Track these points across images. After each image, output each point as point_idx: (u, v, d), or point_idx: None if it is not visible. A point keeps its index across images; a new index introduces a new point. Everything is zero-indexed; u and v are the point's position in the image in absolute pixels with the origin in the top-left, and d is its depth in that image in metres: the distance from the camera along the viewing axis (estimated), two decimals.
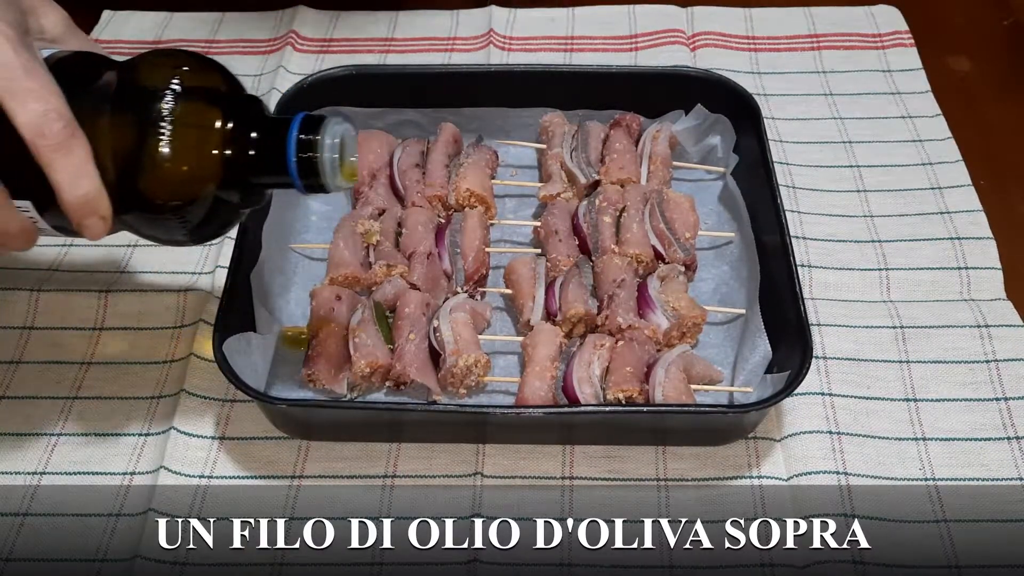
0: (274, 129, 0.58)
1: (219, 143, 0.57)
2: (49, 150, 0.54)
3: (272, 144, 0.58)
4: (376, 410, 0.75)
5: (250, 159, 0.58)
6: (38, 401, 0.79)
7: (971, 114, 1.01)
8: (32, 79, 0.54)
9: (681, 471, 0.74)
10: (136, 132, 0.56)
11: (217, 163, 0.57)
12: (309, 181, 0.58)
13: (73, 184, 0.55)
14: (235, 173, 0.58)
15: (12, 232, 0.58)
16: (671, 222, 0.86)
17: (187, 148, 0.57)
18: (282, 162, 0.57)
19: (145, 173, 0.56)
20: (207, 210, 0.59)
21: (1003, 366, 0.80)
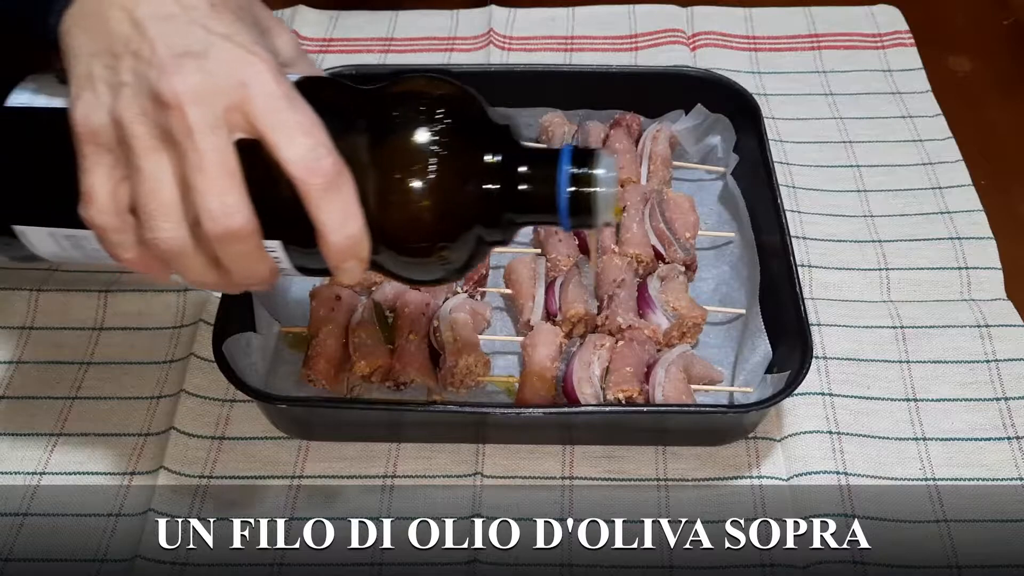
0: (544, 162, 0.53)
1: (487, 179, 0.52)
2: (318, 189, 0.48)
3: (543, 178, 0.53)
4: (376, 410, 0.75)
5: (519, 195, 0.53)
6: (38, 401, 0.79)
7: (971, 114, 1.01)
8: (297, 111, 0.49)
9: (681, 471, 0.74)
10: (397, 168, 0.51)
11: (483, 200, 0.52)
12: (579, 219, 0.53)
13: (341, 226, 0.49)
14: (500, 210, 0.53)
15: (260, 276, 0.53)
16: (671, 222, 0.86)
17: (452, 186, 0.51)
18: (552, 198, 0.53)
19: (407, 212, 0.51)
20: (467, 250, 0.54)
21: (1003, 366, 0.80)
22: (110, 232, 0.51)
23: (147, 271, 0.53)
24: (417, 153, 0.51)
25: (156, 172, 0.48)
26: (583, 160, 0.53)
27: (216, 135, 0.48)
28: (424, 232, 0.52)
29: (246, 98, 0.48)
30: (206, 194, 0.48)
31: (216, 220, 0.48)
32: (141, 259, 0.52)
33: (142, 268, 0.53)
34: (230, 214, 0.48)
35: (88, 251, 0.56)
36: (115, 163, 0.49)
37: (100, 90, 0.49)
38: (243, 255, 0.51)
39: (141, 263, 0.52)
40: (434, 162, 0.51)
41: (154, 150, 0.48)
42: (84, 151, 0.50)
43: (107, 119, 0.49)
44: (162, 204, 0.49)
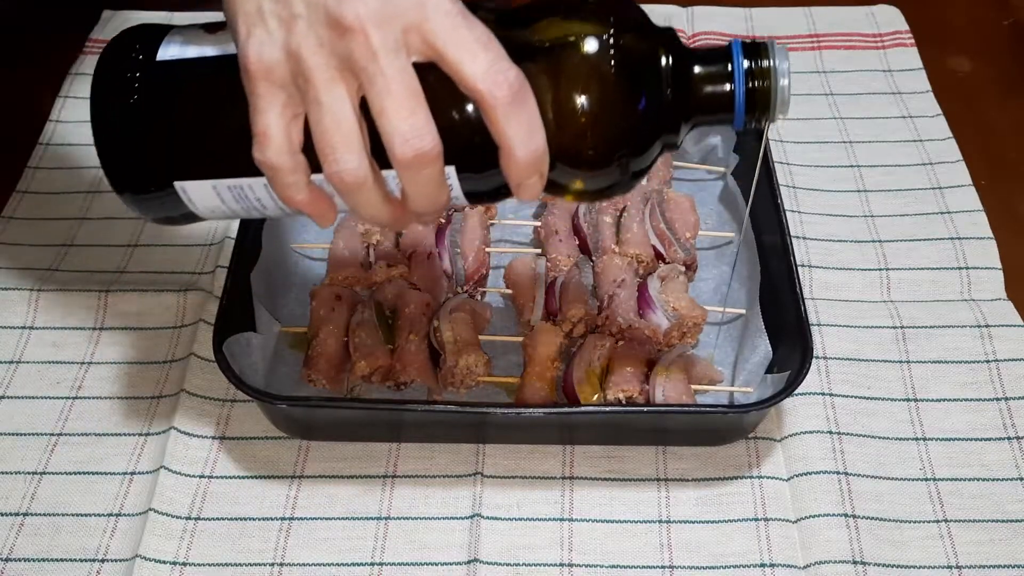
0: (716, 59, 0.52)
1: (664, 83, 0.51)
2: (504, 103, 0.47)
3: (721, 77, 0.52)
4: (376, 410, 0.75)
5: (696, 97, 0.52)
6: (38, 401, 0.79)
7: (972, 114, 1.01)
8: (474, 27, 0.48)
9: (681, 471, 0.74)
10: (574, 80, 0.50)
11: (661, 106, 0.52)
12: (754, 114, 0.52)
13: (527, 140, 0.49)
14: (678, 113, 0.52)
15: (438, 205, 0.52)
16: (671, 222, 0.86)
17: (632, 94, 0.51)
18: (730, 97, 0.52)
19: (586, 122, 0.50)
20: (646, 155, 0.53)
21: (1003, 366, 0.80)
22: (285, 173, 0.50)
23: (316, 212, 0.52)
24: (593, 64, 0.50)
25: (337, 103, 0.48)
26: (755, 53, 0.52)
27: (399, 57, 0.47)
28: (604, 143, 0.51)
29: (424, 18, 0.47)
30: (395, 117, 0.47)
31: (407, 142, 0.48)
32: (311, 200, 0.51)
33: (312, 210, 0.52)
34: (421, 135, 0.48)
35: (251, 201, 0.55)
36: (288, 100, 0.49)
37: (272, 25, 0.48)
38: (428, 180, 0.50)
39: (311, 204, 0.52)
40: (609, 70, 0.50)
41: (333, 81, 0.48)
42: (257, 90, 0.49)
43: (281, 54, 0.48)
44: (345, 136, 0.48)
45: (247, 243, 0.80)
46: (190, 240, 0.90)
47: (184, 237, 0.90)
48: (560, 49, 0.50)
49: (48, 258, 0.89)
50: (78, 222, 0.92)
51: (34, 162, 0.97)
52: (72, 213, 0.93)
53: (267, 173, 0.50)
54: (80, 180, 0.96)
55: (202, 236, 0.90)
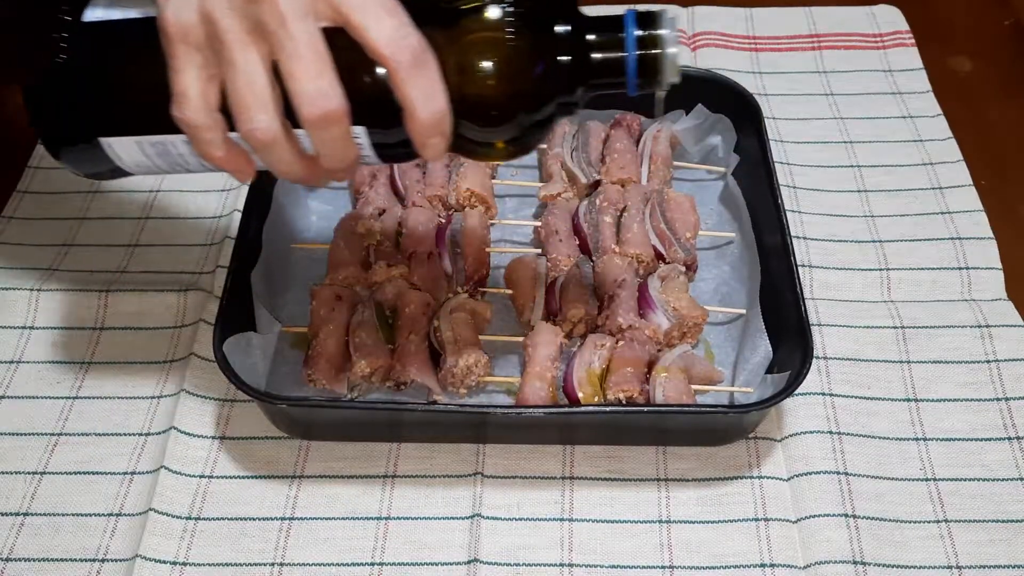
0: (610, 28, 0.55)
1: (559, 49, 0.55)
2: (406, 67, 0.51)
3: (612, 44, 0.55)
4: (376, 410, 0.75)
5: (589, 62, 0.55)
6: (38, 401, 0.79)
7: (972, 114, 1.01)
8: None
9: (681, 471, 0.74)
10: (474, 45, 0.54)
11: (556, 70, 0.55)
12: (645, 79, 0.56)
13: (428, 102, 0.52)
14: (572, 77, 0.56)
15: (348, 162, 0.55)
16: (672, 222, 0.86)
17: (527, 56, 0.54)
18: (621, 62, 0.55)
19: (484, 85, 0.54)
20: (539, 118, 0.56)
21: (1004, 366, 0.80)
22: (203, 130, 0.53)
23: (234, 168, 0.55)
24: (491, 29, 0.53)
25: (249, 64, 0.51)
26: (646, 22, 0.55)
27: (307, 22, 0.50)
28: (503, 106, 0.55)
29: None
30: (302, 79, 0.50)
31: (314, 103, 0.51)
32: (229, 157, 0.54)
33: (230, 166, 0.55)
34: (326, 96, 0.51)
35: (173, 156, 0.58)
36: (205, 62, 0.51)
37: None
38: (335, 139, 0.53)
39: (229, 161, 0.55)
40: (509, 36, 0.53)
41: (245, 43, 0.50)
42: (175, 51, 0.51)
43: (197, 17, 0.50)
44: (257, 96, 0.51)
45: (247, 243, 0.80)
46: (190, 240, 0.90)
47: (185, 237, 0.90)
48: (462, 15, 0.54)
49: (48, 258, 0.89)
50: (78, 222, 0.92)
51: (34, 162, 0.97)
52: (72, 213, 0.93)
53: (186, 130, 0.53)
54: (80, 180, 0.95)
55: (203, 236, 0.90)
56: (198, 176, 0.95)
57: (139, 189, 0.94)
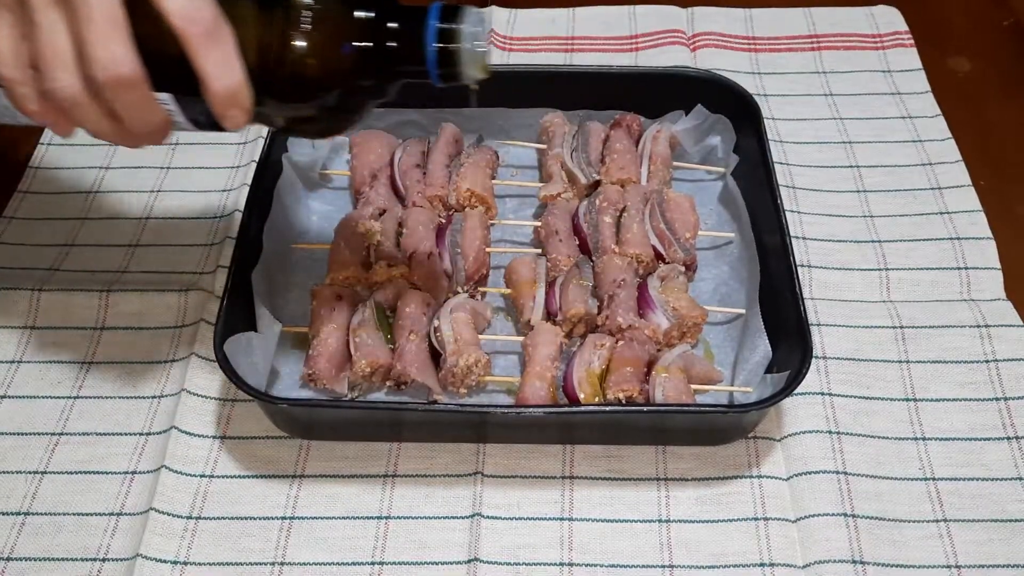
0: (412, 18, 0.57)
1: (359, 33, 0.57)
2: (198, 39, 0.53)
3: (412, 33, 0.57)
4: (377, 410, 0.75)
5: (390, 49, 0.57)
6: (39, 401, 0.79)
7: (971, 114, 1.01)
8: None
9: (681, 471, 0.74)
10: (275, 22, 0.56)
11: (357, 53, 0.57)
12: (446, 71, 0.58)
13: (221, 74, 0.54)
14: (374, 63, 0.58)
15: (153, 126, 0.57)
16: (671, 222, 0.86)
17: (328, 38, 0.56)
18: (421, 52, 0.57)
19: (285, 63, 0.56)
20: (344, 99, 0.58)
21: (1003, 366, 0.80)
22: (15, 84, 0.55)
23: (51, 122, 0.57)
24: (293, 8, 0.55)
25: (51, 26, 0.53)
26: (450, 16, 0.57)
27: None
28: (302, 83, 0.57)
29: None
30: (95, 44, 0.52)
31: (105, 68, 0.53)
32: (44, 110, 0.56)
33: (46, 119, 0.57)
34: (118, 62, 0.53)
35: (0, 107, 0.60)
36: (14, 21, 0.54)
37: None
38: (134, 103, 0.55)
39: (45, 114, 0.57)
40: (308, 17, 0.55)
41: (48, 6, 0.52)
42: None
43: None
44: (57, 55, 0.53)
45: (248, 243, 0.80)
46: (191, 240, 0.90)
47: (185, 237, 0.90)
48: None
49: (49, 258, 0.89)
50: (79, 222, 0.92)
51: (35, 162, 0.97)
52: (73, 213, 0.93)
53: (2, 83, 0.56)
54: (81, 180, 0.96)
55: (203, 236, 0.90)
56: (198, 176, 0.96)
57: (140, 189, 0.95)
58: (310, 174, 0.92)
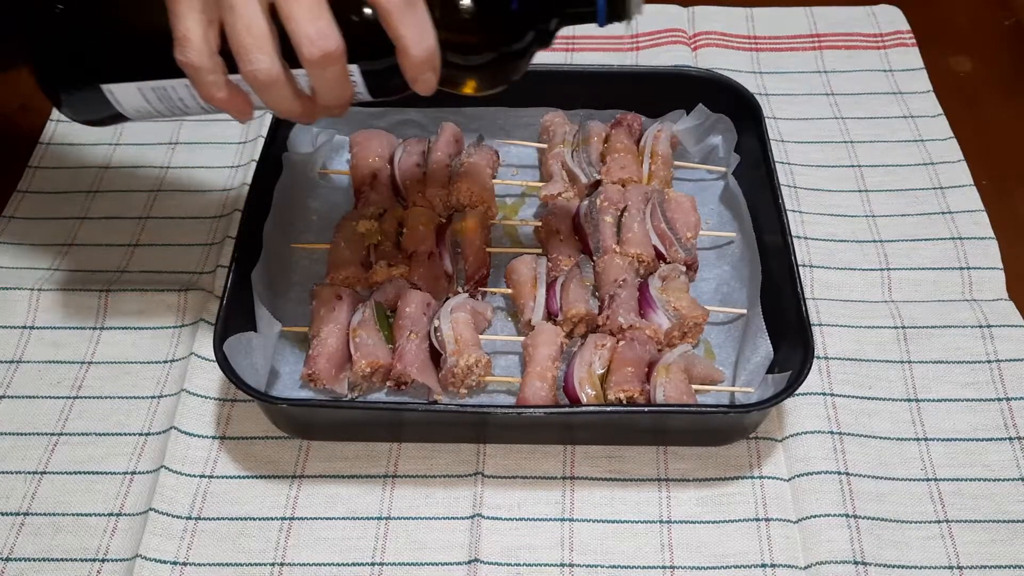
0: None
1: None
2: (398, 8, 0.54)
3: None
4: (377, 410, 0.75)
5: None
6: (38, 401, 0.79)
7: (973, 114, 1.01)
8: None
9: (682, 471, 0.74)
10: None
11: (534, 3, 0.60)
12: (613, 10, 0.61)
13: (419, 39, 0.55)
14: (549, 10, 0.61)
15: (343, 99, 0.59)
16: (672, 222, 0.86)
17: None
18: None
19: (467, 21, 0.58)
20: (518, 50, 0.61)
21: (1005, 366, 0.80)
22: (205, 72, 0.56)
23: (234, 108, 0.59)
24: None
25: (249, 9, 0.53)
26: None
27: None
28: (485, 38, 0.60)
29: None
30: (301, 21, 0.53)
31: (313, 43, 0.54)
32: (230, 98, 0.58)
33: (230, 106, 0.58)
34: (325, 37, 0.54)
35: (173, 100, 0.61)
36: (204, 6, 0.54)
37: None
38: (333, 77, 0.56)
39: (230, 102, 0.58)
40: None
41: None
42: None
43: None
44: (257, 38, 0.54)
45: (248, 243, 0.80)
46: (191, 240, 0.90)
47: (185, 237, 0.90)
48: None
49: (49, 258, 0.89)
50: (79, 221, 0.92)
51: (35, 162, 0.97)
52: (73, 213, 0.93)
53: (189, 73, 0.56)
54: (81, 180, 0.96)
55: (203, 236, 0.90)
56: (198, 175, 0.95)
57: (140, 189, 0.94)
58: (310, 174, 0.92)
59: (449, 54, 0.59)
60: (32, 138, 0.99)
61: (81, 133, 0.99)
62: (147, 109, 0.62)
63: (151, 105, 0.62)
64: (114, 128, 1.00)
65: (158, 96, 0.61)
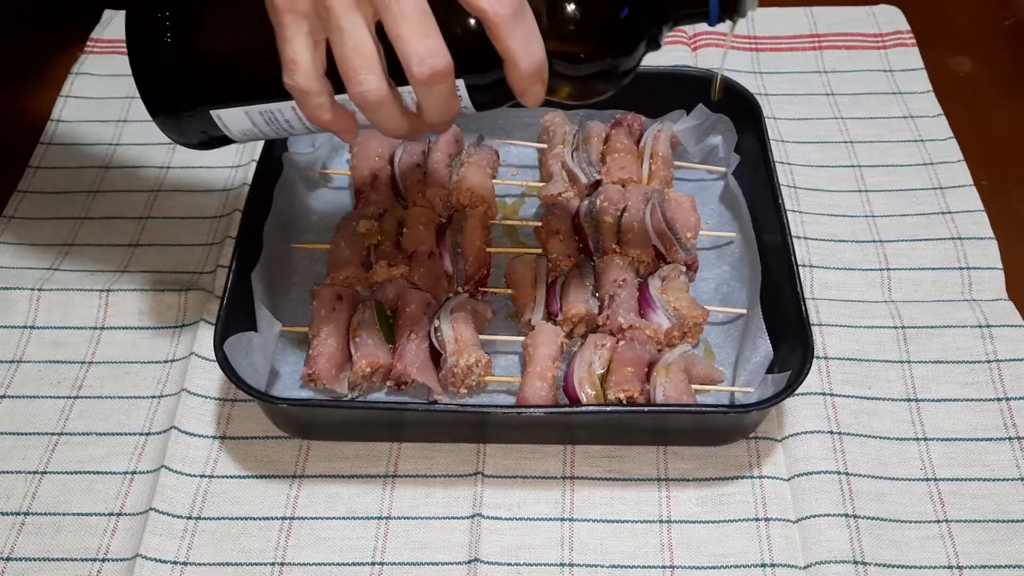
0: None
1: None
2: (506, 20, 0.53)
3: None
4: (377, 410, 0.75)
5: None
6: (39, 401, 0.79)
7: (972, 114, 1.01)
8: None
9: (682, 471, 0.74)
10: None
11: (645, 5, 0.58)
12: (726, 9, 0.59)
13: (528, 52, 0.54)
14: (659, 11, 0.59)
15: (450, 115, 0.58)
16: (672, 222, 0.86)
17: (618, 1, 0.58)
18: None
19: (576, 30, 0.57)
20: (636, 52, 0.60)
21: (1004, 366, 0.80)
22: (313, 95, 0.55)
23: (340, 129, 0.58)
24: None
25: (356, 28, 0.53)
26: None
27: None
28: (595, 48, 0.58)
29: None
30: (410, 39, 0.52)
31: (423, 63, 0.53)
32: (336, 119, 0.57)
33: (337, 126, 0.58)
34: (435, 55, 0.53)
35: (280, 123, 0.61)
36: (311, 28, 0.54)
37: None
38: (442, 94, 0.55)
39: (336, 123, 0.58)
40: None
41: (351, 8, 0.52)
42: (283, 21, 0.53)
43: None
44: (365, 58, 0.53)
45: (248, 242, 0.80)
46: (191, 240, 0.90)
47: (186, 237, 0.90)
48: None
49: (49, 257, 0.89)
50: (79, 221, 0.92)
51: (35, 161, 0.97)
52: (73, 212, 0.93)
53: (296, 96, 0.56)
54: (81, 180, 0.96)
55: (203, 236, 0.90)
56: (198, 176, 0.96)
57: (140, 189, 0.94)
58: (310, 174, 0.92)
59: (557, 64, 0.57)
60: (32, 138, 0.99)
61: (83, 133, 0.99)
62: (254, 132, 0.62)
63: (257, 128, 0.62)
64: (114, 128, 1.00)
65: (265, 119, 0.61)
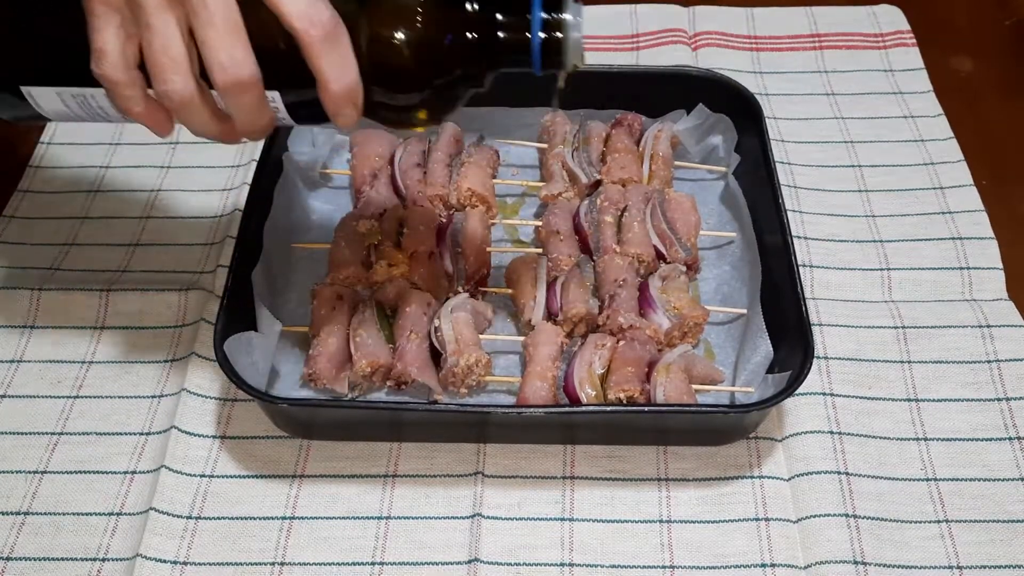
0: (517, 9, 0.58)
1: (466, 25, 0.58)
2: (318, 41, 0.53)
3: (518, 25, 0.58)
4: (377, 410, 0.75)
5: (497, 40, 0.58)
6: (39, 400, 0.79)
7: (973, 114, 1.01)
8: None
9: (682, 471, 0.74)
10: (383, 17, 0.56)
11: (463, 44, 0.58)
12: (549, 60, 0.59)
13: (340, 74, 0.54)
14: (480, 54, 0.59)
15: (261, 125, 0.58)
16: (672, 222, 0.86)
17: (437, 31, 0.57)
18: (527, 41, 0.58)
19: (393, 57, 0.57)
20: (446, 88, 0.60)
21: (1004, 366, 0.80)
22: (121, 87, 0.55)
23: (153, 124, 0.57)
24: (403, 7, 0.57)
25: (165, 28, 0.52)
26: (553, 6, 0.58)
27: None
28: (413, 74, 0.58)
29: None
30: (216, 47, 0.52)
31: (226, 71, 0.53)
32: (148, 112, 0.56)
33: (149, 121, 0.57)
34: (239, 65, 0.53)
35: (94, 109, 0.60)
36: (123, 22, 0.53)
37: None
38: (248, 105, 0.55)
39: (148, 116, 0.57)
40: (419, 13, 0.57)
41: (162, 7, 0.52)
42: (95, 10, 0.53)
43: None
44: (172, 58, 0.53)
45: (248, 242, 0.80)
46: (191, 239, 0.90)
47: (186, 236, 0.90)
48: None
49: (49, 257, 0.89)
50: (79, 221, 0.92)
51: (35, 161, 0.97)
52: (73, 212, 0.93)
53: (105, 85, 0.55)
54: (81, 179, 0.96)
55: (204, 235, 0.90)
56: (198, 175, 0.96)
57: (140, 188, 0.94)
58: (310, 173, 0.92)
59: (375, 90, 0.57)
60: (32, 138, 0.99)
61: (83, 133, 0.99)
62: (67, 113, 0.62)
63: (71, 110, 0.61)
64: (115, 128, 1.00)
65: (78, 103, 0.60)
